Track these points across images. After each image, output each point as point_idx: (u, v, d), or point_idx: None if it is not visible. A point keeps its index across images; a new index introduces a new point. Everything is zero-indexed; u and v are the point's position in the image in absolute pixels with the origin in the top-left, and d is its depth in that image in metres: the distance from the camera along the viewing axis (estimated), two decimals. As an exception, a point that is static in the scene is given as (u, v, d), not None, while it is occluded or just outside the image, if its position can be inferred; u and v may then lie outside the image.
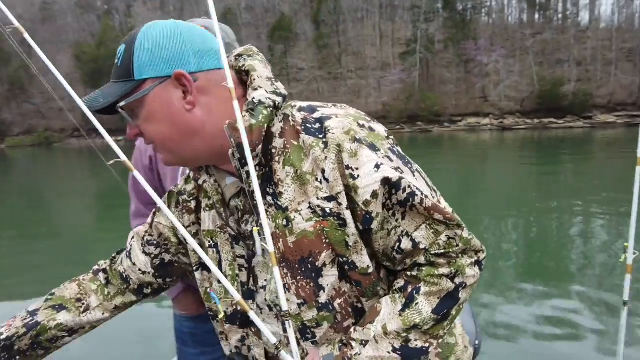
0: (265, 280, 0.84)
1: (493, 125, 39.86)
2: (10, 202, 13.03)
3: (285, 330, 0.82)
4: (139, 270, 0.96)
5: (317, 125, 0.76)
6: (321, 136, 0.74)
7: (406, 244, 0.77)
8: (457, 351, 0.91)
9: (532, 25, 47.17)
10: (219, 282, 0.87)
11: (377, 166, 0.73)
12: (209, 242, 0.88)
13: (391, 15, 54.33)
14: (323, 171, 0.74)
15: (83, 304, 0.95)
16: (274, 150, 0.77)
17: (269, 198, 0.78)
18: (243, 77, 0.82)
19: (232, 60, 0.83)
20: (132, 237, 0.99)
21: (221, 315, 0.85)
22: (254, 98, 0.76)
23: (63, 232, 8.81)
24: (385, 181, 0.73)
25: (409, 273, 0.80)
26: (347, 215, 0.74)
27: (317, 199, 0.74)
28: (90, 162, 24.13)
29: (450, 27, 47.99)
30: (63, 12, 71.02)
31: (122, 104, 0.75)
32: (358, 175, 0.73)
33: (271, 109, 0.76)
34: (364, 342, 0.77)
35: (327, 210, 0.74)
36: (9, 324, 0.91)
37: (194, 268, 0.92)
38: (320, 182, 0.74)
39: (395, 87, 44.66)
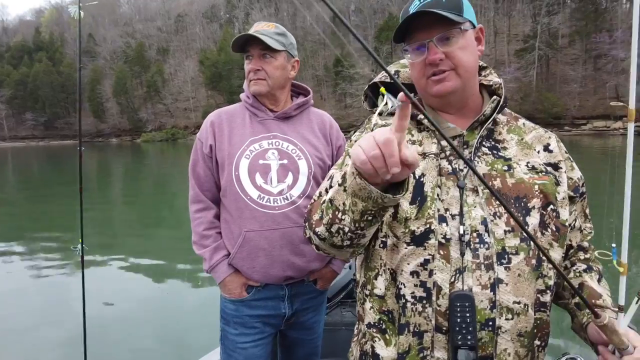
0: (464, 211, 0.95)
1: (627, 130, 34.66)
2: (143, 186, 14.97)
3: (463, 254, 0.90)
4: None
5: (528, 121, 1.07)
6: (537, 127, 1.05)
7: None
8: None
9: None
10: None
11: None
12: None
13: (508, 10, 50.59)
14: (547, 145, 1.01)
15: None
16: (497, 119, 1.03)
17: (484, 149, 0.98)
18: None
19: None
20: None
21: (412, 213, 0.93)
22: (497, 81, 1.05)
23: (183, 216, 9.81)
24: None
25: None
26: (563, 178, 0.99)
27: (539, 161, 0.99)
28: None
29: (579, 18, 43.08)
30: (192, 23, 79.20)
31: (464, 26, 0.93)
32: (572, 166, 1.03)
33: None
34: None
35: (549, 169, 0.98)
36: None
37: None
38: (538, 152, 1.00)
39: (510, 86, 41.22)
